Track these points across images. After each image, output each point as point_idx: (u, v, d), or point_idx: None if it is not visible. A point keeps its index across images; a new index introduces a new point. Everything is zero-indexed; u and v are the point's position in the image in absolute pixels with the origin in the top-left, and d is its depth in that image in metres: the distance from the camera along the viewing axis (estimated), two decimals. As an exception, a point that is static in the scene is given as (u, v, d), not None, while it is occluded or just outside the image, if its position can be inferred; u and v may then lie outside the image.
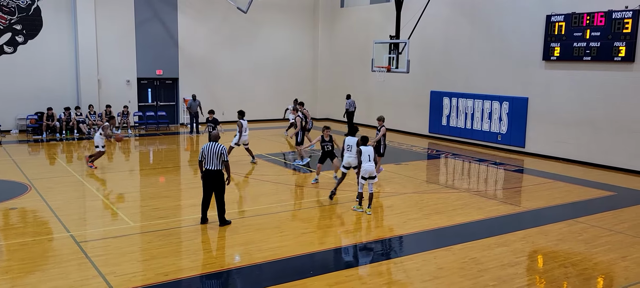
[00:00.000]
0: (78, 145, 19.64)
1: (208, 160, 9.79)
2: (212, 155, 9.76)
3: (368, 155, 10.91)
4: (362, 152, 10.96)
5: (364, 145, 11.08)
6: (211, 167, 9.79)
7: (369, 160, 10.90)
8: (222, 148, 9.83)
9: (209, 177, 9.85)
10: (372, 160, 10.95)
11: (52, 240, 9.28)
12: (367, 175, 10.93)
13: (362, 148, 11.01)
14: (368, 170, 10.88)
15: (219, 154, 9.76)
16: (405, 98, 23.14)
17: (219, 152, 9.77)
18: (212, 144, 9.88)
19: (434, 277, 7.97)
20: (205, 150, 9.82)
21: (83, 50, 22.11)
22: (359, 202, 11.30)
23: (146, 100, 24.51)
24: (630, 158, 15.97)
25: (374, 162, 10.99)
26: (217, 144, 9.86)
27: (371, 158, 10.92)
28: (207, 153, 9.79)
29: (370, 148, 11.00)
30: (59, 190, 12.67)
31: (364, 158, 10.92)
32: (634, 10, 15.39)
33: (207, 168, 9.83)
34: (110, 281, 7.52)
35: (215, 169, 9.80)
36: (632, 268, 8.49)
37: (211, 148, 9.80)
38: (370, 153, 10.93)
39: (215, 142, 9.95)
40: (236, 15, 24.40)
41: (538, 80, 18.20)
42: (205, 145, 9.89)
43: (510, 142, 19.22)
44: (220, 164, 9.81)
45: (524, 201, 12.83)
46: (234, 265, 8.46)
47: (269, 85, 26.90)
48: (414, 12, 19.75)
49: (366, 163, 10.88)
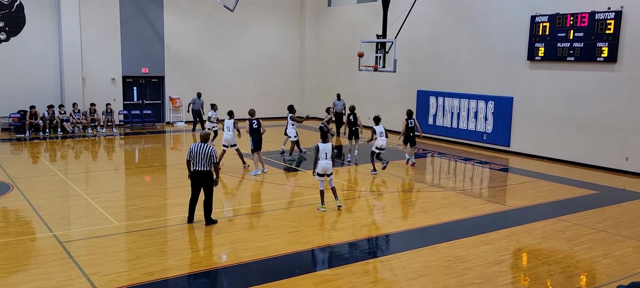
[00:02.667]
0: (62, 144, 19.42)
1: (196, 160, 9.64)
2: (201, 156, 9.61)
3: (325, 153, 11.00)
4: (319, 149, 11.03)
5: (323, 142, 11.16)
6: (200, 167, 9.65)
7: (326, 158, 10.99)
8: (212, 149, 9.69)
9: (197, 177, 9.71)
10: (330, 158, 11.04)
11: (35, 240, 9.17)
12: (322, 172, 11.04)
13: (320, 146, 11.07)
14: (324, 167, 11.00)
15: (208, 155, 9.62)
16: (392, 97, 23.23)
17: (208, 153, 9.62)
18: (201, 144, 9.72)
19: (420, 275, 8.02)
20: (193, 150, 9.67)
21: (67, 48, 21.86)
22: (322, 201, 11.27)
23: (131, 99, 24.31)
24: (612, 157, 16.20)
25: (330, 160, 11.07)
26: (207, 145, 9.71)
27: (328, 156, 11.03)
28: (196, 154, 9.64)
29: (328, 146, 11.08)
30: (42, 189, 12.53)
31: (321, 156, 11.00)
32: (616, 11, 15.61)
33: (195, 169, 9.69)
34: (94, 281, 7.45)
35: (204, 170, 9.66)
36: (613, 266, 8.62)
37: (200, 148, 9.64)
38: (327, 151, 11.03)
39: (205, 142, 9.80)
40: (223, 13, 24.30)
41: (523, 80, 18.38)
42: (193, 144, 9.76)
43: (496, 141, 19.38)
44: (209, 165, 9.68)
45: (509, 200, 12.96)
46: (221, 264, 8.43)
47: (256, 84, 26.83)
48: (400, 12, 19.83)
49: (323, 161, 10.98)
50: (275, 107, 27.25)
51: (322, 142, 11.17)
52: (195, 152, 9.63)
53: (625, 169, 15.89)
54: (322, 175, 11.05)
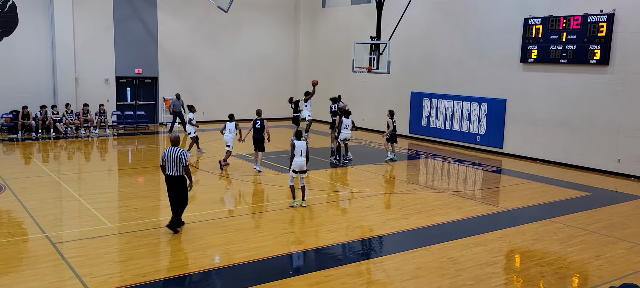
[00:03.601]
0: (54, 144, 19.32)
1: (168, 165, 9.41)
2: (171, 161, 9.37)
3: (300, 150, 11.16)
4: (295, 146, 11.20)
5: (298, 140, 11.31)
6: (172, 172, 9.41)
7: (300, 155, 11.16)
8: (182, 152, 9.41)
9: (170, 183, 9.50)
10: (304, 156, 11.19)
11: (27, 241, 9.12)
12: (298, 169, 11.21)
13: (296, 143, 11.24)
14: (298, 164, 11.19)
15: (178, 159, 9.36)
16: (386, 99, 23.25)
17: (177, 156, 9.36)
18: (171, 148, 9.45)
19: (413, 276, 8.04)
20: (165, 155, 9.42)
21: (60, 48, 21.74)
22: (293, 196, 11.46)
23: (125, 99, 24.21)
24: (604, 159, 16.30)
25: (305, 158, 11.24)
26: (177, 149, 9.43)
27: (303, 154, 11.17)
28: (167, 158, 9.39)
29: (303, 143, 11.24)
30: (34, 190, 12.46)
31: (296, 153, 11.18)
32: (609, 14, 15.71)
33: (168, 174, 9.47)
34: (86, 282, 7.42)
35: (176, 175, 9.42)
36: (605, 268, 8.67)
37: (170, 153, 9.39)
38: (302, 148, 11.19)
39: (175, 146, 9.52)
40: (217, 14, 24.24)
41: (516, 82, 18.46)
42: (165, 150, 9.53)
43: (489, 142, 19.46)
44: (181, 169, 9.45)
45: (502, 201, 13.01)
46: (214, 265, 8.41)
47: (250, 84, 26.79)
48: (394, 14, 19.87)
49: (297, 158, 11.17)
50: (269, 107, 27.21)
51: (296, 139, 11.38)
52: (167, 157, 9.40)
53: (617, 171, 15.99)
54: (296, 172, 11.26)
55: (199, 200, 11.91)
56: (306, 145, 11.28)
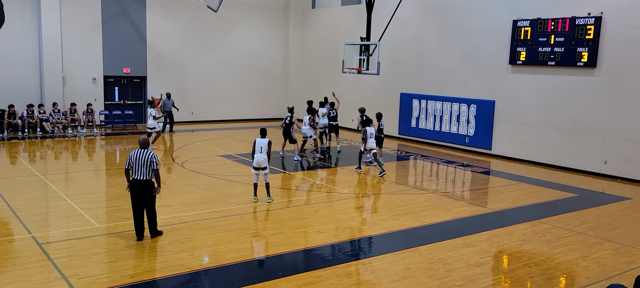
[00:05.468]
0: (41, 144, 19.12)
1: (136, 169, 8.93)
2: (140, 164, 8.91)
3: (260, 147, 11.45)
4: (255, 144, 11.54)
5: (261, 138, 11.57)
6: (139, 177, 8.93)
7: (260, 152, 11.44)
8: (152, 155, 8.99)
9: (136, 188, 9.00)
10: (264, 153, 11.43)
11: (13, 241, 9.01)
12: (256, 165, 11.50)
13: (257, 140, 11.51)
14: (258, 160, 11.46)
15: (148, 162, 8.93)
16: (376, 100, 23.29)
17: (148, 159, 8.93)
18: (140, 150, 9.00)
19: (402, 277, 8.05)
20: (132, 158, 8.96)
21: (47, 47, 21.52)
22: (254, 193, 11.81)
23: (113, 99, 24.03)
24: (591, 161, 16.45)
25: (266, 155, 11.45)
26: (147, 151, 9.01)
27: (263, 151, 11.44)
28: (135, 161, 8.93)
29: (265, 141, 11.49)
30: (20, 190, 12.31)
31: (256, 150, 11.49)
32: (596, 17, 15.87)
33: (134, 177, 8.99)
34: (73, 283, 7.34)
35: (144, 179, 8.94)
36: (592, 268, 8.75)
37: (139, 155, 8.93)
38: (263, 145, 11.45)
39: (144, 148, 9.07)
40: (206, 13, 24.14)
41: (505, 83, 18.59)
42: (132, 152, 9.07)
43: (478, 144, 19.56)
44: (150, 173, 9.01)
45: (490, 202, 13.08)
46: (202, 266, 8.36)
47: (240, 85, 26.71)
48: (384, 15, 19.92)
49: (257, 155, 11.46)
50: (258, 108, 27.22)
51: (260, 137, 11.66)
52: (134, 160, 8.96)
53: (603, 173, 16.15)
54: (257, 169, 11.53)
55: (187, 200, 11.84)
56: (268, 143, 11.49)
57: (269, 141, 11.52)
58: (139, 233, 9.20)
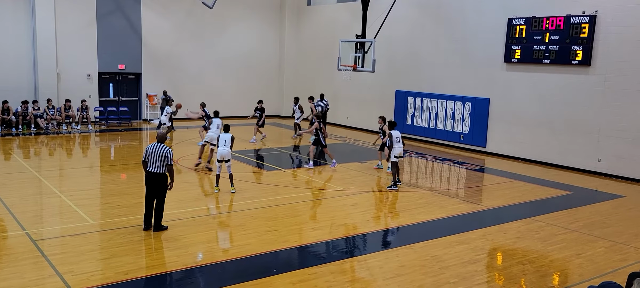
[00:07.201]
0: (35, 140, 19.04)
1: (151, 161, 9.26)
2: (155, 157, 9.23)
3: (224, 141, 12.21)
4: (219, 138, 12.38)
5: (225, 132, 12.42)
6: (154, 169, 9.25)
7: (224, 145, 12.18)
8: (167, 150, 9.28)
9: (151, 179, 9.31)
10: (228, 146, 12.16)
11: (7, 238, 8.97)
12: (220, 157, 12.22)
13: (221, 135, 12.39)
14: (222, 153, 12.18)
15: (162, 157, 9.22)
16: (371, 97, 23.33)
17: (163, 154, 9.23)
18: (156, 144, 9.33)
19: (396, 274, 8.07)
20: (149, 151, 9.28)
21: (41, 42, 21.41)
22: (216, 183, 12.41)
23: (107, 95, 23.94)
24: (585, 159, 16.52)
25: (229, 148, 12.18)
26: (163, 146, 9.30)
27: (226, 144, 12.19)
28: (151, 155, 9.26)
29: (228, 135, 12.27)
30: (14, 187, 12.26)
31: (220, 143, 12.23)
32: (591, 16, 15.92)
33: (149, 170, 9.30)
34: (67, 280, 7.32)
35: (158, 172, 9.25)
36: (585, 266, 8.79)
37: (155, 149, 9.26)
38: (227, 139, 12.23)
39: (161, 143, 9.39)
40: (201, 10, 24.09)
41: (499, 81, 18.63)
42: (149, 145, 9.40)
43: (472, 141, 19.61)
44: (164, 167, 9.30)
45: (485, 200, 13.12)
46: (197, 263, 8.36)
47: (235, 82, 26.67)
48: (380, 12, 19.92)
49: (221, 148, 12.18)
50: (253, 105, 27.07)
51: (224, 132, 12.45)
52: (150, 153, 9.26)
53: (597, 171, 16.23)
54: (220, 161, 12.26)
55: (182, 197, 11.82)
56: (231, 138, 12.24)
57: (232, 136, 12.33)
58: (146, 222, 9.49)
